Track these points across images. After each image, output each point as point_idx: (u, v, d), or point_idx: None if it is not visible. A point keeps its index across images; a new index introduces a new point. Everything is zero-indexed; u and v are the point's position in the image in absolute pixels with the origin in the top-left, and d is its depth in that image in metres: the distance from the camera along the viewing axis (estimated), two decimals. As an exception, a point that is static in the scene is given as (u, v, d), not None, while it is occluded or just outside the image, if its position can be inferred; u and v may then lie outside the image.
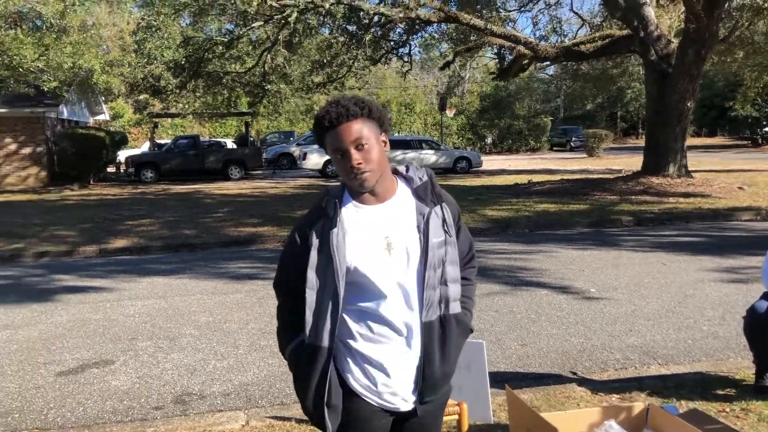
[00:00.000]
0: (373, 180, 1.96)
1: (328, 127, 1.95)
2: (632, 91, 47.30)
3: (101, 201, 17.49)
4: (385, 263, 1.97)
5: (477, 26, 17.94)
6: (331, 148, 1.97)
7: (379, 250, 1.97)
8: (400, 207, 2.03)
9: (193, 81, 19.48)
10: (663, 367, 4.79)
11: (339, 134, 1.94)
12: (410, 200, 2.04)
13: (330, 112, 1.95)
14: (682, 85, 15.62)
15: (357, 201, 2.01)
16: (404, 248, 1.99)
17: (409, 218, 2.02)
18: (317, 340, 1.96)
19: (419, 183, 2.06)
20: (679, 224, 11.78)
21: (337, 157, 1.96)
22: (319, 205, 2.04)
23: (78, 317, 6.55)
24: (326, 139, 1.98)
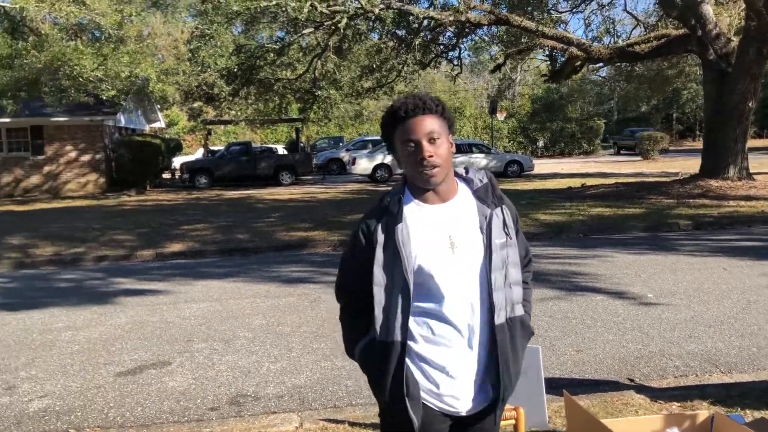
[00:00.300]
0: (441, 176, 1.97)
1: (403, 117, 1.97)
2: (689, 92, 46.09)
3: (157, 206, 17.93)
4: (448, 263, 1.95)
5: (528, 28, 17.74)
6: (402, 138, 1.98)
7: (443, 250, 1.96)
8: (462, 207, 2.03)
9: (246, 88, 19.81)
10: (726, 375, 4.62)
11: (414, 125, 1.96)
12: (471, 201, 2.04)
13: (407, 103, 1.98)
14: (743, 84, 15.14)
15: (419, 200, 2.01)
16: (467, 248, 1.98)
17: (471, 219, 2.01)
18: (389, 336, 1.95)
19: (480, 185, 2.06)
20: (740, 228, 11.40)
21: (409, 148, 1.97)
22: (380, 203, 2.03)
23: (136, 319, 6.71)
24: (397, 131, 1.99)
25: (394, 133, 2.01)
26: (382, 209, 2.00)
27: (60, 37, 17.58)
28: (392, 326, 1.94)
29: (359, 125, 43.29)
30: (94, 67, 17.17)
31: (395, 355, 1.94)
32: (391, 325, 1.95)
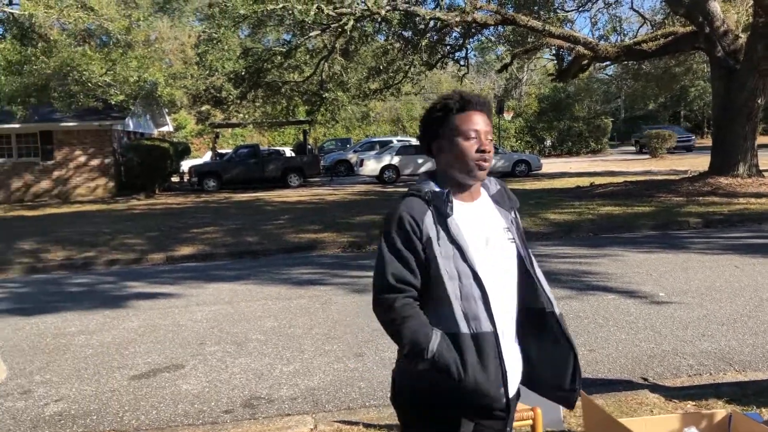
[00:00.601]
0: (486, 173, 2.05)
1: (463, 107, 2.03)
2: (696, 90, 45.97)
3: (166, 210, 18.00)
4: (484, 257, 1.99)
5: (535, 28, 17.73)
6: (464, 126, 2.02)
7: (480, 245, 2.00)
8: (487, 208, 2.10)
9: (253, 91, 19.89)
10: (740, 373, 4.61)
11: (479, 117, 2.04)
12: (491, 204, 2.12)
13: (471, 96, 2.05)
14: (752, 81, 15.07)
15: (454, 197, 2.04)
16: (500, 245, 2.05)
17: (496, 219, 2.09)
18: (479, 327, 1.94)
19: (495, 190, 2.15)
20: (751, 226, 11.34)
21: (469, 137, 2.02)
22: (419, 198, 2.02)
23: (148, 323, 6.74)
24: (455, 119, 2.03)
25: (447, 121, 2.04)
26: (424, 204, 2.00)
27: (69, 42, 17.68)
28: (480, 317, 1.94)
29: (366, 127, 43.35)
30: (103, 72, 17.27)
31: (492, 345, 1.94)
32: (479, 316, 1.94)
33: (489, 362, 1.93)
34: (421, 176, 2.13)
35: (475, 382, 1.91)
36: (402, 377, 2.07)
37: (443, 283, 1.94)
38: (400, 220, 1.97)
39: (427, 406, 2.00)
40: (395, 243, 1.97)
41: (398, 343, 1.98)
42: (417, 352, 1.92)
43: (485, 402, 1.94)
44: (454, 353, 1.92)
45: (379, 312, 2.01)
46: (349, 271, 8.97)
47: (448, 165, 2.05)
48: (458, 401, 1.96)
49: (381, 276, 1.98)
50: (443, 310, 1.95)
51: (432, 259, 1.95)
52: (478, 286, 1.94)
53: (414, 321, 1.93)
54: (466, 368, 1.91)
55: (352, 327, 6.19)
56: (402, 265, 1.96)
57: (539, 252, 9.58)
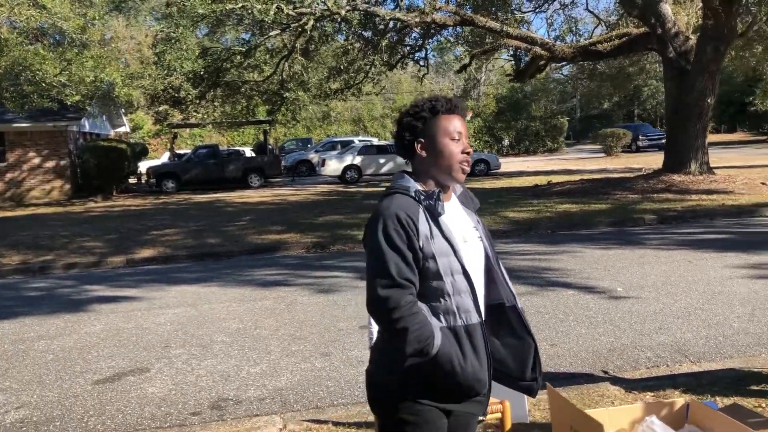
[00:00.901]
0: (466, 174, 2.14)
1: (449, 110, 2.10)
2: (649, 89, 47.03)
3: (125, 212, 17.72)
4: (465, 255, 2.07)
5: (493, 29, 17.96)
6: (449, 128, 2.10)
7: (461, 243, 2.08)
8: (458, 208, 2.19)
9: (212, 91, 19.71)
10: (695, 364, 4.78)
11: (461, 121, 2.12)
12: (459, 204, 2.21)
13: (455, 100, 2.13)
14: (702, 81, 15.54)
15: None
16: (473, 243, 2.13)
17: (466, 218, 2.18)
18: (471, 318, 2.03)
19: (460, 191, 2.23)
20: (703, 221, 11.71)
21: (454, 139, 2.09)
22: (408, 197, 2.05)
23: (111, 326, 6.66)
24: (440, 121, 2.10)
25: (432, 122, 2.10)
26: (414, 203, 2.04)
27: (20, 41, 17.24)
28: (470, 309, 2.03)
29: (327, 126, 43.28)
30: (57, 72, 16.89)
31: (480, 334, 2.04)
32: (470, 308, 2.03)
33: (480, 350, 2.04)
34: (398, 174, 2.17)
35: (472, 370, 2.01)
36: (384, 376, 2.07)
37: (440, 279, 2.01)
38: (398, 218, 1.98)
39: (414, 402, 2.02)
40: (394, 240, 1.97)
41: (401, 341, 1.96)
42: (422, 349, 1.96)
43: (477, 387, 2.04)
44: (455, 346, 2.00)
45: (381, 311, 1.98)
46: (314, 272, 8.98)
47: (431, 165, 2.11)
48: (453, 390, 2.03)
49: (382, 273, 1.97)
50: (439, 305, 2.02)
51: (429, 256, 2.00)
52: (467, 280, 2.03)
53: (418, 318, 1.96)
54: (466, 359, 2.00)
55: (318, 327, 6.22)
56: (403, 261, 1.97)
57: (500, 249, 9.72)
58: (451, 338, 2.00)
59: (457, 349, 1.99)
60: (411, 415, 2.03)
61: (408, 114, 2.13)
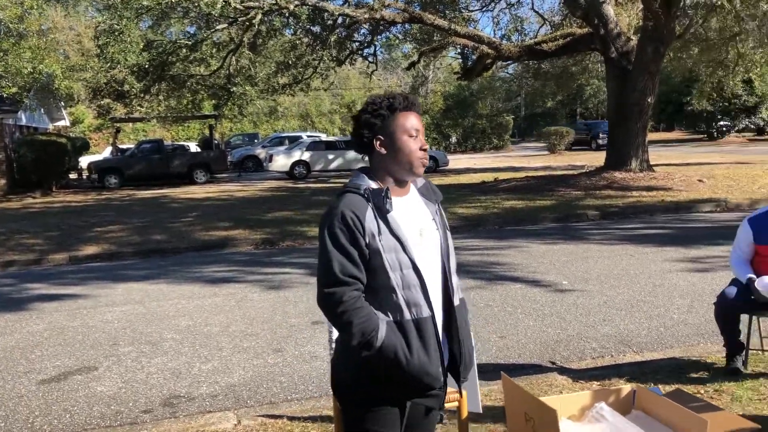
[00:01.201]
0: (424, 168, 2.18)
1: (407, 107, 2.14)
2: (591, 88, 48.16)
3: (66, 208, 17.21)
4: (419, 248, 2.11)
5: (441, 26, 18.12)
6: (407, 125, 2.13)
7: (416, 237, 2.12)
8: (417, 201, 2.22)
9: (157, 85, 19.30)
10: (638, 354, 4.96)
11: (416, 118, 2.16)
12: (418, 197, 2.24)
13: (412, 98, 2.17)
14: (642, 81, 16.02)
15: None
16: (430, 236, 2.18)
17: (425, 211, 2.22)
18: (421, 313, 2.06)
19: (421, 183, 2.27)
20: (643, 217, 12.11)
21: (412, 135, 2.13)
22: (358, 195, 2.09)
23: (55, 325, 6.49)
24: (398, 118, 2.13)
25: (390, 119, 2.13)
26: (363, 200, 2.07)
27: (-47, 31, 16.59)
28: (420, 303, 2.06)
29: (274, 121, 42.90)
30: (-7, 63, 16.29)
31: (431, 328, 2.08)
32: (420, 302, 2.06)
33: (430, 345, 2.07)
34: (355, 172, 2.21)
35: (419, 363, 2.04)
36: (343, 367, 2.16)
37: (387, 274, 2.05)
38: (343, 216, 2.04)
39: (370, 392, 2.10)
40: (339, 238, 2.04)
41: (347, 334, 2.05)
42: (366, 342, 2.02)
43: (427, 381, 2.08)
44: (400, 339, 2.04)
45: (327, 306, 2.06)
46: (264, 268, 8.93)
47: (390, 162, 2.14)
48: (403, 383, 2.07)
49: (327, 271, 2.05)
50: (387, 299, 2.07)
51: (375, 253, 2.04)
52: (417, 275, 2.07)
53: (362, 312, 2.02)
54: (412, 352, 2.04)
55: (270, 323, 6.20)
56: (347, 259, 2.03)
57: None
58: (397, 332, 2.05)
59: (403, 343, 2.04)
60: (365, 403, 2.11)
61: (366, 111, 2.15)
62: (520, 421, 2.70)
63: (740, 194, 13.87)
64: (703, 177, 16.61)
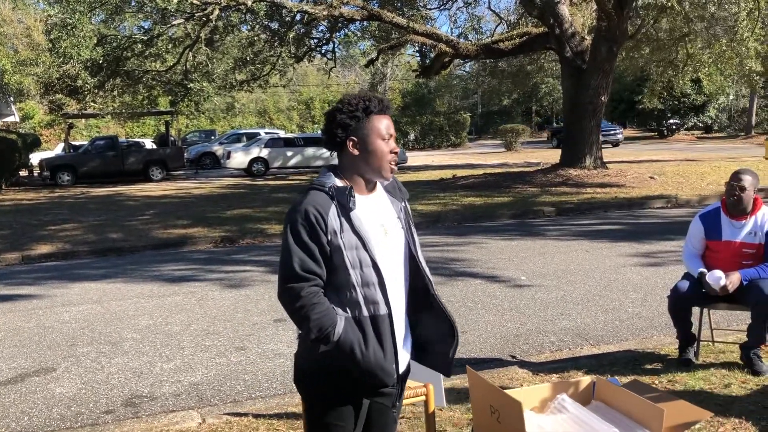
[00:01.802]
0: (394, 172, 2.23)
1: (381, 110, 2.18)
2: (546, 87, 48.89)
3: (17, 206, 16.76)
4: (384, 245, 2.17)
5: (399, 24, 18.19)
6: (381, 129, 2.17)
7: (379, 234, 2.16)
8: (382, 199, 2.27)
9: (112, 80, 18.90)
10: (595, 347, 5.10)
11: (389, 121, 2.20)
12: (384, 195, 2.29)
13: (385, 101, 2.20)
14: (596, 80, 16.37)
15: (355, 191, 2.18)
16: (395, 233, 2.23)
17: (390, 209, 2.27)
18: (378, 310, 2.11)
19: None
20: (597, 213, 12.39)
21: (384, 138, 2.18)
22: (323, 193, 2.13)
23: (9, 326, 6.35)
24: (372, 121, 2.16)
25: (364, 121, 2.16)
26: (328, 198, 2.11)
27: None
28: (378, 301, 2.11)
29: (231, 118, 42.45)
30: (-62, 57, 15.74)
31: (387, 326, 2.12)
32: (378, 300, 2.11)
33: (385, 341, 2.13)
34: (323, 170, 2.25)
35: (374, 359, 2.10)
36: (304, 361, 2.21)
37: (347, 271, 2.10)
38: (306, 213, 2.08)
39: (330, 386, 2.16)
40: (301, 235, 2.08)
41: (305, 329, 2.10)
42: (323, 337, 2.08)
43: (381, 377, 2.13)
44: (357, 334, 2.10)
45: (286, 301, 2.11)
46: (224, 266, 8.87)
47: (361, 162, 2.18)
48: (359, 378, 2.13)
49: (287, 266, 2.09)
50: (346, 296, 2.12)
51: (336, 250, 2.09)
52: (377, 273, 2.12)
53: (320, 308, 2.08)
54: (368, 347, 2.10)
55: (232, 322, 6.18)
56: (307, 255, 2.08)
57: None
58: (354, 327, 2.10)
59: (360, 337, 2.10)
60: (326, 397, 2.17)
61: (342, 111, 2.17)
62: (485, 414, 2.77)
63: (690, 191, 14.31)
64: (654, 174, 17.06)
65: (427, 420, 2.94)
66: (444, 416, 3.82)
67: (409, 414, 3.86)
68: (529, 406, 2.81)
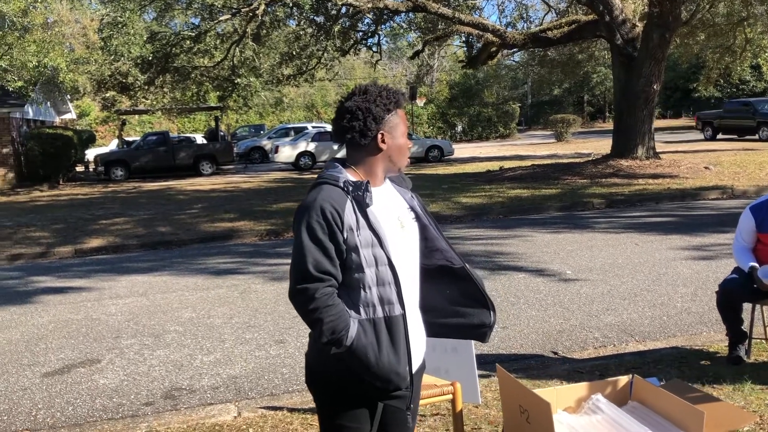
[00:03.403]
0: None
1: (403, 106, 2.17)
2: (598, 76, 47.83)
3: (72, 201, 17.28)
4: (400, 240, 2.09)
5: (445, 15, 18.01)
6: (403, 123, 2.15)
7: (396, 227, 2.10)
8: (391, 191, 2.21)
9: (161, 76, 19.27)
10: (640, 343, 4.94)
11: (405, 117, 2.16)
12: (390, 185, 2.23)
13: (406, 95, 2.21)
14: (648, 68, 15.90)
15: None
16: (410, 226, 2.16)
17: (401, 200, 2.21)
18: (393, 311, 2.02)
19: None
20: (649, 205, 12.04)
21: (405, 132, 2.16)
22: (337, 188, 2.05)
23: (59, 318, 6.52)
24: (400, 114, 2.13)
25: (393, 117, 2.11)
26: (342, 194, 2.03)
27: (-43, 25, 16.61)
28: (393, 301, 2.02)
29: (280, 113, 42.88)
30: (-2, 57, 16.32)
31: (401, 327, 2.04)
32: (393, 300, 2.02)
33: (399, 344, 2.03)
34: (329, 163, 2.15)
35: (388, 362, 2.01)
36: (316, 362, 2.13)
37: (362, 271, 2.01)
38: (322, 210, 1.98)
39: (341, 388, 2.09)
40: (316, 233, 1.98)
41: (317, 332, 2.00)
42: (336, 341, 1.98)
43: (396, 381, 2.04)
44: (371, 338, 2.01)
45: (299, 302, 2.02)
46: (268, 260, 8.94)
47: (385, 156, 2.11)
48: (372, 382, 2.04)
49: (301, 266, 1.99)
50: (359, 296, 2.02)
51: (353, 248, 2.00)
52: (392, 271, 2.02)
53: (334, 310, 1.98)
54: (381, 351, 2.00)
55: (273, 315, 6.21)
56: (323, 254, 1.98)
57: (453, 235, 9.84)
58: (368, 330, 2.01)
59: (374, 341, 2.01)
60: (338, 398, 2.10)
61: (376, 104, 2.07)
62: (515, 414, 2.69)
63: (747, 181, 13.77)
64: (709, 164, 16.50)
65: (455, 419, 2.87)
66: (479, 414, 3.75)
67: (444, 411, 3.80)
68: (562, 405, 2.72)
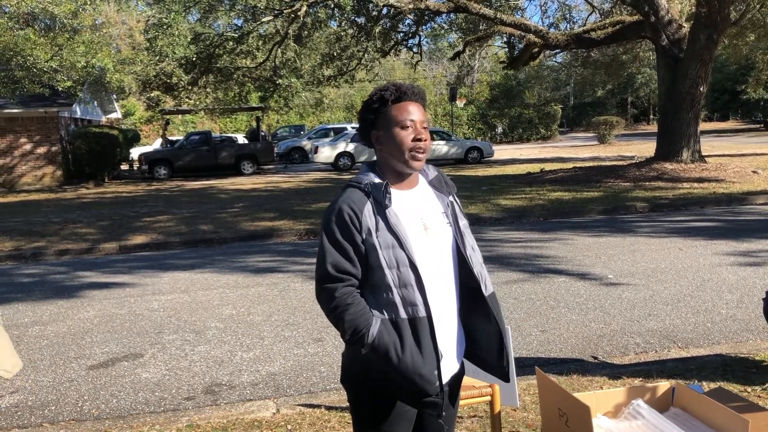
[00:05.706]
0: (423, 162, 2.11)
1: (399, 98, 2.08)
2: (642, 77, 47.09)
3: (117, 198, 17.68)
4: (424, 243, 2.07)
5: (486, 15, 17.92)
6: (399, 116, 2.07)
7: (419, 231, 2.07)
8: (425, 194, 2.18)
9: (204, 77, 19.61)
10: (683, 350, 4.85)
11: (413, 107, 2.09)
12: (429, 190, 2.20)
13: (406, 87, 2.09)
14: (694, 70, 15.57)
15: (393, 186, 2.11)
16: (438, 230, 2.12)
17: (435, 205, 2.17)
18: (416, 312, 2.01)
19: (433, 176, 2.23)
20: (694, 209, 11.79)
21: (405, 127, 2.07)
22: (359, 190, 2.07)
23: (104, 312, 6.68)
24: (390, 110, 2.08)
25: (383, 112, 2.09)
26: (363, 195, 2.05)
27: (10, 26, 17.10)
28: (417, 303, 2.01)
29: (320, 113, 43.18)
30: (49, 58, 16.77)
31: (427, 329, 2.02)
32: (417, 302, 2.01)
33: (424, 346, 2.02)
34: (362, 167, 2.19)
35: (411, 364, 2.00)
36: (350, 362, 2.14)
37: (383, 272, 2.01)
38: (340, 212, 2.03)
39: (373, 389, 2.09)
40: (335, 234, 2.02)
41: (340, 330, 2.03)
42: (358, 338, 2.00)
43: (420, 383, 2.02)
44: (393, 337, 2.00)
45: (322, 301, 2.07)
46: (307, 258, 9.01)
47: (388, 155, 2.11)
48: (398, 384, 2.03)
49: (321, 266, 2.05)
50: (383, 297, 2.03)
51: (371, 249, 2.01)
52: (414, 273, 2.01)
53: (354, 308, 2.01)
54: (404, 351, 1.99)
55: (312, 313, 6.26)
56: (341, 255, 2.02)
57: (492, 237, 9.79)
58: (390, 330, 2.01)
59: (396, 341, 2.00)
60: (372, 398, 2.10)
61: (362, 106, 2.13)
62: (554, 417, 2.67)
63: (797, 186, 13.39)
64: (757, 168, 16.09)
65: (492, 421, 2.86)
66: (517, 417, 3.73)
67: (481, 413, 3.78)
68: (602, 410, 2.68)
